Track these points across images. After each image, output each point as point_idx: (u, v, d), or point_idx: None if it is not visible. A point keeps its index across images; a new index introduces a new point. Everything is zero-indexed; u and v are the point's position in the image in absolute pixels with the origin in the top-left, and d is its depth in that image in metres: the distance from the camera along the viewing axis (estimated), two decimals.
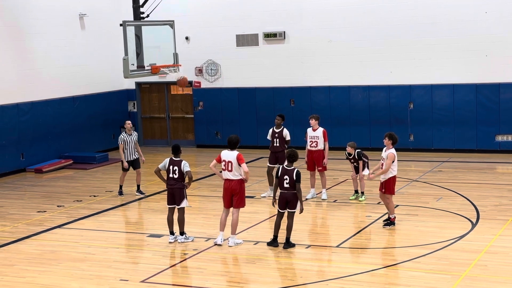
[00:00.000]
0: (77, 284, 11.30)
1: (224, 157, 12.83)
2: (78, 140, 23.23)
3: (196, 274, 11.71)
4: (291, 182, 12.42)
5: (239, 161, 12.64)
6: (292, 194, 12.48)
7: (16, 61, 21.27)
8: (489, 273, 11.08)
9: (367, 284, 10.79)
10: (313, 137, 16.17)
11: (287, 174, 12.48)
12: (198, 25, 24.25)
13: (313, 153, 16.20)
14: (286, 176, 12.47)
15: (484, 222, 13.89)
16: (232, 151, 12.82)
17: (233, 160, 12.68)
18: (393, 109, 22.36)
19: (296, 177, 12.39)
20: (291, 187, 12.46)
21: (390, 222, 13.81)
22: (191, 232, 13.64)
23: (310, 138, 16.23)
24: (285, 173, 12.50)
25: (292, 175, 12.42)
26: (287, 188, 12.49)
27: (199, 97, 24.79)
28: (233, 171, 12.72)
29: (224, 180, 12.91)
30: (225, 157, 12.81)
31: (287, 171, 12.51)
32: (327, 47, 22.90)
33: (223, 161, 12.82)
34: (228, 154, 12.83)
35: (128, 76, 18.41)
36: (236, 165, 12.66)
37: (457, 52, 21.50)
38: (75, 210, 16.36)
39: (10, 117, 20.89)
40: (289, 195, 12.50)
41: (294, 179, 12.39)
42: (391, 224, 13.78)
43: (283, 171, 12.54)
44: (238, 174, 12.72)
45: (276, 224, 12.76)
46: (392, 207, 13.80)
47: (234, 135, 13.09)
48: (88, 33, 23.73)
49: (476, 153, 21.50)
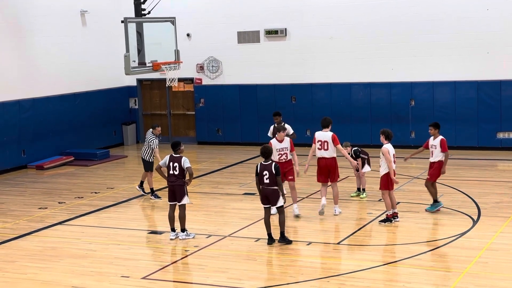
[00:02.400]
0: (78, 281, 11.31)
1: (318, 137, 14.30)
2: (79, 137, 23.24)
3: (197, 270, 11.72)
4: (271, 177, 12.50)
5: (334, 142, 14.28)
6: (272, 190, 12.56)
7: (17, 58, 21.28)
8: (490, 270, 11.08)
9: (368, 281, 10.79)
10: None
11: (266, 169, 12.57)
12: (200, 22, 24.25)
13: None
14: (265, 172, 12.56)
15: (485, 219, 13.89)
16: (326, 132, 14.39)
17: (328, 140, 14.23)
18: (394, 106, 22.36)
19: (275, 171, 12.49)
20: (271, 183, 12.53)
21: (386, 219, 13.84)
22: (192, 229, 13.65)
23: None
24: (264, 169, 12.60)
25: (271, 169, 12.52)
26: (268, 184, 12.57)
27: (200, 94, 24.79)
28: (329, 150, 14.29)
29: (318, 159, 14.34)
30: (320, 137, 14.38)
31: (266, 166, 12.60)
32: (329, 44, 22.89)
33: (318, 141, 14.34)
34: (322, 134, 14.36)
35: (129, 73, 18.41)
36: (331, 145, 14.25)
37: (459, 49, 21.48)
38: (76, 206, 16.37)
39: (11, 113, 20.90)
40: (269, 191, 12.58)
41: (274, 173, 12.47)
42: (387, 221, 13.79)
43: (262, 167, 12.63)
44: (332, 153, 14.22)
45: (266, 222, 12.83)
46: (388, 203, 13.81)
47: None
48: (89, 30, 23.74)
49: (477, 150, 21.50)
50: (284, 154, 14.25)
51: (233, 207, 15.87)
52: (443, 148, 14.38)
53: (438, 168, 14.43)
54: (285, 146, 14.25)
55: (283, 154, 14.24)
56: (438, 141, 14.39)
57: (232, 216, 15.10)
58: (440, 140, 14.40)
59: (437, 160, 14.45)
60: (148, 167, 16.67)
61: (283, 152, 14.24)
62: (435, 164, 14.47)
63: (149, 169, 16.65)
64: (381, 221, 13.85)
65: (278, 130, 14.42)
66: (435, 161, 14.48)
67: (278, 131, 14.38)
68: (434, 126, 14.56)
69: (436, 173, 14.51)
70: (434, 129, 14.51)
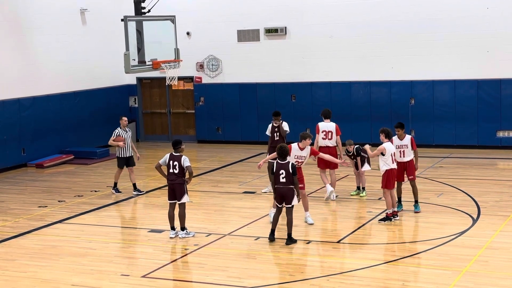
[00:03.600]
0: (78, 279, 11.32)
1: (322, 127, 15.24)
2: (79, 135, 23.24)
3: (197, 269, 11.73)
4: (288, 176, 12.47)
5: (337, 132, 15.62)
6: (288, 188, 12.52)
7: (17, 56, 21.28)
8: (490, 269, 11.08)
9: (367, 280, 10.80)
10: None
11: (282, 168, 12.53)
12: (199, 21, 24.24)
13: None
14: (282, 171, 12.51)
15: (485, 218, 13.89)
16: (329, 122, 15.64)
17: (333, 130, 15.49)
18: (394, 105, 22.36)
19: (292, 170, 12.45)
20: (287, 182, 12.49)
21: (386, 218, 13.84)
22: (192, 227, 13.65)
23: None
24: (280, 168, 12.55)
25: (288, 168, 12.48)
26: (284, 183, 12.53)
27: (200, 93, 24.79)
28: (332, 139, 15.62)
29: None
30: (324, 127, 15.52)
31: (282, 165, 12.56)
32: (328, 43, 22.89)
33: (322, 131, 15.46)
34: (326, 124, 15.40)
35: (129, 71, 18.39)
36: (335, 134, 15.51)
37: (459, 48, 21.49)
38: (76, 205, 16.37)
39: (11, 112, 20.90)
40: (284, 190, 12.54)
41: (291, 172, 12.44)
42: (387, 220, 13.79)
43: (278, 166, 12.59)
44: None
45: (274, 219, 12.82)
46: (389, 202, 13.81)
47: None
48: (89, 28, 23.73)
49: (477, 149, 21.50)
50: (301, 163, 13.66)
51: (233, 205, 15.87)
52: (413, 146, 14.51)
53: (414, 166, 14.56)
54: (304, 155, 13.61)
55: (300, 162, 13.63)
56: (408, 140, 14.36)
57: (232, 214, 15.11)
58: (410, 139, 14.44)
59: (410, 159, 14.46)
60: (120, 163, 17.17)
61: (301, 160, 13.63)
62: (409, 163, 14.45)
63: (121, 166, 17.14)
64: (381, 220, 13.85)
65: (303, 137, 13.53)
66: (408, 161, 14.43)
67: (304, 138, 13.52)
68: (401, 127, 14.42)
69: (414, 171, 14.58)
70: (402, 129, 14.40)
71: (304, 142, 13.50)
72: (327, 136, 15.59)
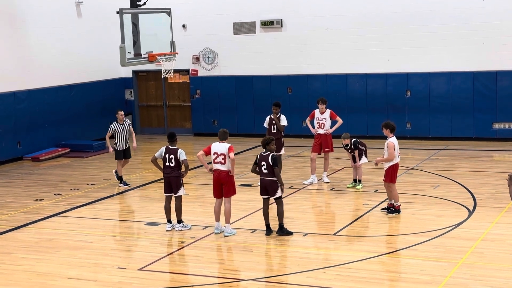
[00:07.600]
0: (74, 272, 11.32)
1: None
2: (75, 128, 23.20)
3: (194, 262, 11.73)
4: (269, 168, 12.51)
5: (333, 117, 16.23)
6: (270, 180, 12.57)
7: (12, 49, 21.21)
8: (485, 261, 11.11)
9: (364, 272, 10.81)
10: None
11: (263, 159, 12.60)
12: (195, 13, 24.19)
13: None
14: (263, 162, 12.58)
15: (481, 210, 13.92)
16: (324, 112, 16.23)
17: (326, 117, 16.25)
18: (390, 97, 22.35)
19: (272, 162, 12.49)
20: (269, 173, 12.54)
21: (394, 210, 13.82)
22: (188, 220, 13.65)
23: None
24: (262, 159, 12.63)
25: (268, 160, 12.52)
26: (266, 174, 12.59)
27: (196, 85, 24.76)
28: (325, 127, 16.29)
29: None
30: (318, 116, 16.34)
31: (264, 157, 12.63)
32: (324, 35, 22.86)
33: (317, 119, 16.30)
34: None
35: (125, 64, 18.33)
36: (329, 122, 16.25)
37: (455, 40, 21.48)
38: (72, 198, 16.36)
39: (6, 105, 20.85)
40: (267, 182, 12.60)
41: (271, 163, 12.47)
42: (395, 212, 13.78)
43: (261, 158, 12.67)
44: None
45: (264, 212, 12.86)
46: (396, 195, 13.81)
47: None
48: (84, 20, 23.66)
49: (473, 141, 21.52)
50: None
51: None
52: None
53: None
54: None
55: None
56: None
57: None
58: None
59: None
60: (117, 156, 17.30)
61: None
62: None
63: (118, 158, 17.27)
64: (389, 212, 13.79)
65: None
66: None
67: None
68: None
69: None
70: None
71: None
72: (320, 126, 16.51)
